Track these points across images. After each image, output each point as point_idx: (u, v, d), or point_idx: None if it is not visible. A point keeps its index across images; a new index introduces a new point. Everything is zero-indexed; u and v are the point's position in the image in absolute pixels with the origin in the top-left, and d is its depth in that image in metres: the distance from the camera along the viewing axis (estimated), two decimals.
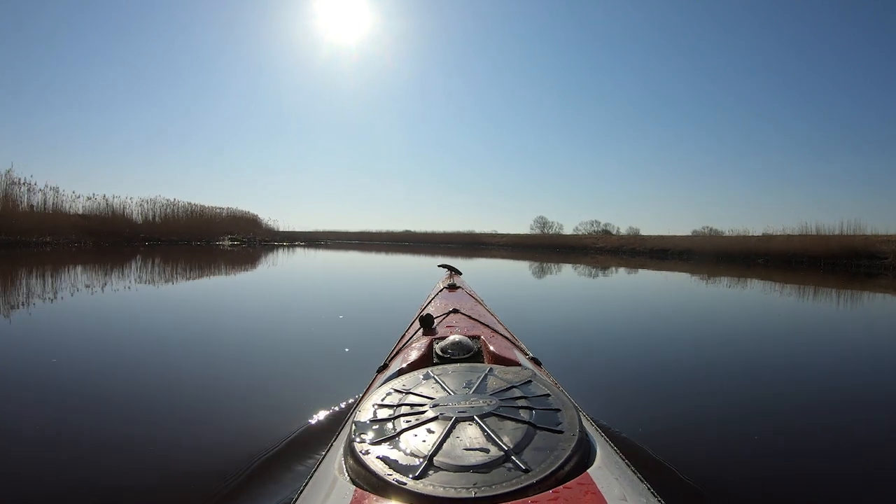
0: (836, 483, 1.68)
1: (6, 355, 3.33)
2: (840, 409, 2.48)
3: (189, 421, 2.13)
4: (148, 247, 21.49)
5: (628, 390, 2.67)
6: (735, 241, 26.64)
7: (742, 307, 6.98)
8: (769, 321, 5.55)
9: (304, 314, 5.37)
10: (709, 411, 2.34)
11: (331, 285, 9.17)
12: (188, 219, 27.61)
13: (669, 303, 7.11)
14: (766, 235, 25.49)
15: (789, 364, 3.42)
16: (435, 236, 47.33)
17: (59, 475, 1.61)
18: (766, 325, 5.20)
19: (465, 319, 1.61)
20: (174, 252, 17.97)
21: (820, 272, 15.75)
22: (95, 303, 5.74)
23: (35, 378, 2.72)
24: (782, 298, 8.26)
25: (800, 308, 7.16)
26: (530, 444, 0.67)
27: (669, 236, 33.10)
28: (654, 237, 34.01)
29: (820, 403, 2.56)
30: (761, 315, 6.07)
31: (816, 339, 4.66)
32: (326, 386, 2.56)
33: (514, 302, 6.30)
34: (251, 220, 37.62)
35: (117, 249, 18.82)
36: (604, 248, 33.66)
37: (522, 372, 0.94)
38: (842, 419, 2.32)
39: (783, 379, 3.00)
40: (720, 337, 4.46)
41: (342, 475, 0.68)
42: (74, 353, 3.34)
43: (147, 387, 2.59)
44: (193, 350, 3.50)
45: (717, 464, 1.75)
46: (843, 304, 7.72)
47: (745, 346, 4.03)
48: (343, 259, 18.05)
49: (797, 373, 3.18)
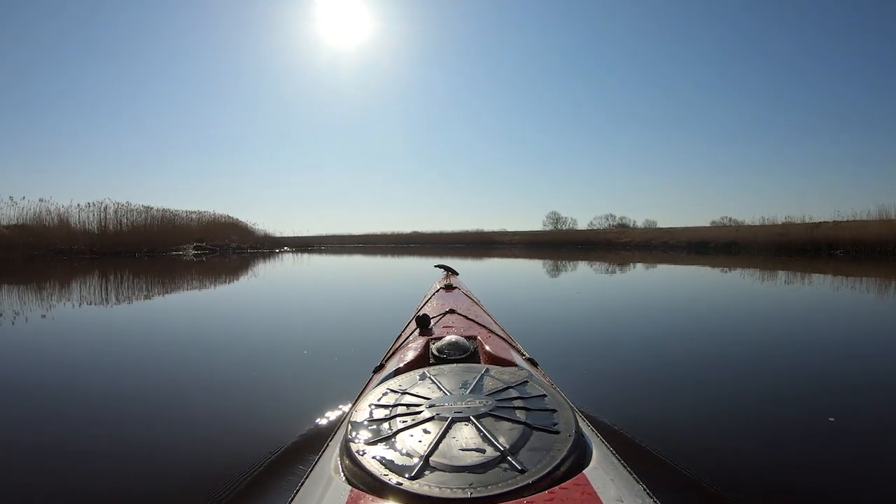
0: (837, 481, 1.64)
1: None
2: (844, 409, 2.32)
3: (186, 424, 2.12)
4: (86, 260, 17.40)
5: (625, 391, 2.60)
6: (795, 229, 22.55)
7: (767, 303, 6.34)
8: (774, 318, 5.12)
9: (300, 317, 5.32)
10: (707, 413, 2.28)
11: (326, 288, 8.93)
12: (145, 226, 23.21)
13: (671, 301, 6.58)
14: (835, 222, 21.37)
15: (804, 366, 3.15)
16: (443, 236, 45.65)
17: (62, 479, 1.62)
18: (772, 325, 4.79)
19: (462, 320, 1.60)
20: (100, 267, 14.53)
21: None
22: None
23: (33, 385, 2.75)
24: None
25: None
26: (526, 445, 0.66)
27: (707, 227, 29.26)
28: (688, 229, 29.99)
29: (832, 403, 2.40)
30: (769, 311, 5.57)
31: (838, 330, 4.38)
32: (322, 386, 2.56)
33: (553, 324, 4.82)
34: (230, 226, 33.44)
35: (35, 267, 14.86)
36: (630, 244, 29.71)
37: (518, 372, 0.94)
38: (844, 419, 2.16)
39: (793, 383, 2.77)
40: (724, 340, 4.00)
41: (338, 475, 0.68)
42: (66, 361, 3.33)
43: (145, 393, 2.56)
44: (188, 355, 3.46)
45: (714, 466, 1.67)
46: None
47: (751, 346, 3.70)
48: (339, 264, 17.04)
49: (814, 375, 2.94)
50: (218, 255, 22.56)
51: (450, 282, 2.76)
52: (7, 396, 2.58)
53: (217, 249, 25.21)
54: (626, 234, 32.83)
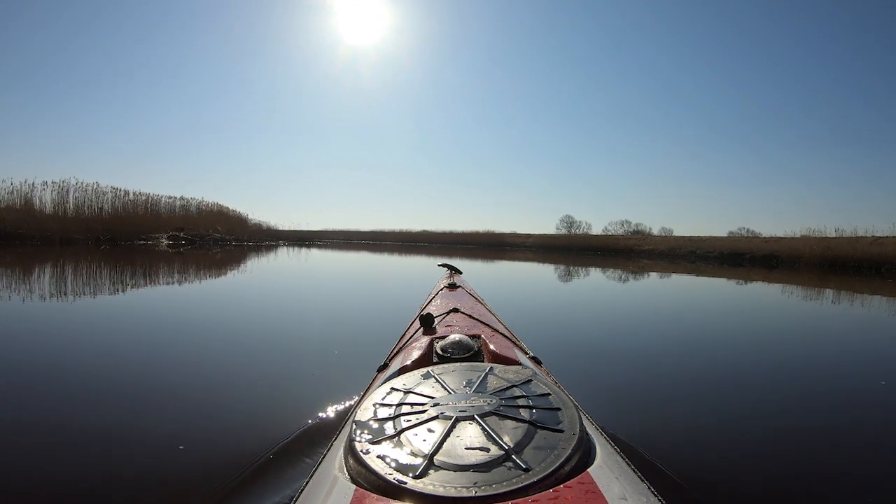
0: (837, 486, 1.66)
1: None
2: (845, 414, 2.38)
3: (191, 419, 2.07)
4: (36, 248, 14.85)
5: (629, 390, 2.61)
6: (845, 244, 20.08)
7: (761, 308, 6.63)
8: (782, 325, 5.14)
9: (305, 315, 5.21)
10: (712, 413, 2.30)
11: (332, 286, 8.68)
12: (113, 212, 20.37)
13: (673, 303, 6.61)
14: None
15: (810, 372, 3.21)
16: (453, 236, 43.40)
17: (60, 471, 1.59)
18: (778, 329, 4.87)
19: (466, 318, 1.60)
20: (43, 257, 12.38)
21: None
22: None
23: (34, 376, 2.66)
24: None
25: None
26: (531, 444, 0.66)
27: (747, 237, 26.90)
28: (717, 238, 27.59)
29: (832, 410, 2.44)
30: (774, 318, 5.71)
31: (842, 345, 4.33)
32: (327, 385, 2.51)
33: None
34: (218, 214, 30.79)
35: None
36: (654, 252, 27.28)
37: (523, 371, 0.93)
38: (845, 423, 2.25)
39: (796, 385, 2.86)
40: (727, 338, 4.21)
41: (343, 474, 0.67)
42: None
43: (148, 387, 2.51)
44: (195, 350, 3.40)
45: (719, 465, 1.72)
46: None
47: (756, 349, 3.84)
48: (343, 260, 16.32)
49: (819, 381, 2.99)
50: (198, 246, 19.86)
51: (453, 280, 2.74)
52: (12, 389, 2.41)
53: (197, 240, 22.34)
54: (647, 242, 30.36)
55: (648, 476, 0.70)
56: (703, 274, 13.67)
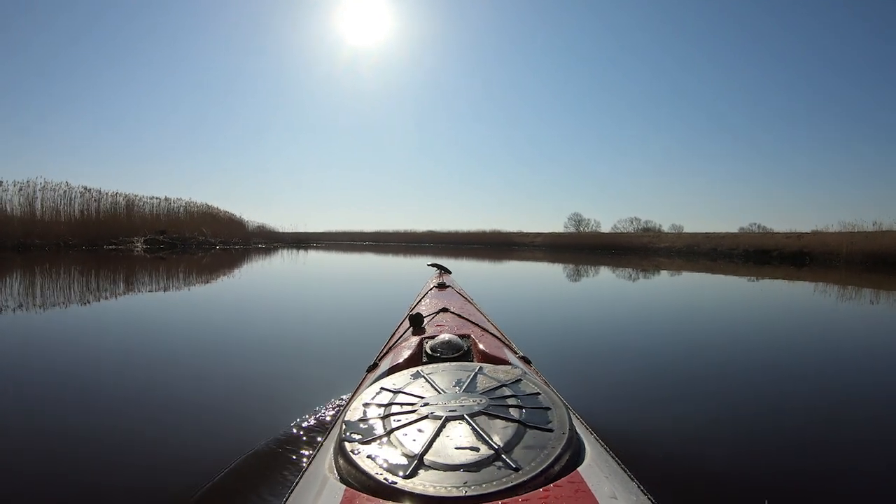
0: (831, 483, 1.64)
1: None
2: (841, 410, 2.36)
3: (180, 420, 2.06)
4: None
5: (619, 389, 2.61)
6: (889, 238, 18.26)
7: (744, 304, 6.55)
8: (771, 321, 5.17)
9: (294, 314, 5.16)
10: (702, 412, 2.27)
11: (322, 286, 8.62)
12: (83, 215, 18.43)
13: (665, 302, 6.55)
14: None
15: (798, 368, 3.19)
16: (459, 236, 42.11)
17: (45, 471, 1.58)
18: (768, 325, 4.85)
19: (455, 318, 1.59)
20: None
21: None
22: None
23: (25, 379, 2.64)
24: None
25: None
26: (520, 443, 0.66)
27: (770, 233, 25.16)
28: (740, 234, 25.86)
29: (822, 404, 2.45)
30: (761, 314, 5.68)
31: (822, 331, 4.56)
32: (316, 385, 2.47)
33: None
34: (206, 216, 28.97)
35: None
36: (671, 249, 25.57)
37: (512, 371, 0.92)
38: (843, 420, 2.22)
39: (788, 381, 2.83)
40: (718, 337, 4.18)
41: (332, 474, 0.67)
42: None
43: (134, 386, 2.50)
44: (182, 350, 3.37)
45: (709, 463, 1.71)
46: None
47: (744, 347, 3.79)
48: (339, 262, 15.88)
49: (806, 378, 2.96)
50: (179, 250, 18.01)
51: (443, 280, 2.73)
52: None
53: (178, 244, 20.42)
54: (662, 239, 28.56)
55: (638, 475, 0.68)
56: (727, 273, 12.80)
